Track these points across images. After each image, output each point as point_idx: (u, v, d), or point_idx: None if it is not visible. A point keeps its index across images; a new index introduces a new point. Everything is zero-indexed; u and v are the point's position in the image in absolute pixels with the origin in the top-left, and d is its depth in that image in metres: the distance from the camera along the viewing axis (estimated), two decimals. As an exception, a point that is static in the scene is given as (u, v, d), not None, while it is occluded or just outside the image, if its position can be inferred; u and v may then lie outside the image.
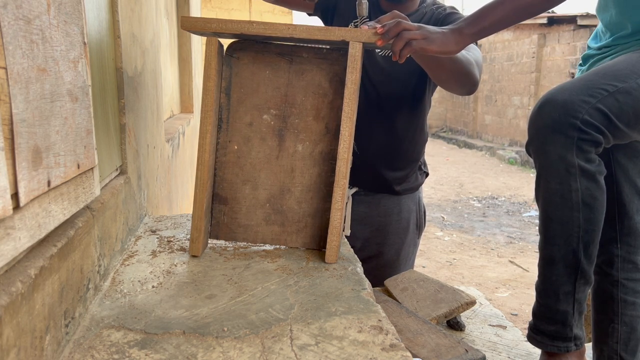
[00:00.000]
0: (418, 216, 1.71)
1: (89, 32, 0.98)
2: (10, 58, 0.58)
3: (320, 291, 0.94)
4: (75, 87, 0.80)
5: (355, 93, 1.07)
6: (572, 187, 1.04)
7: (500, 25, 1.13)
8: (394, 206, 1.65)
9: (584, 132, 1.01)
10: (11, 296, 0.56)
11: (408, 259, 1.71)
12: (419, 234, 1.74)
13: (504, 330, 1.39)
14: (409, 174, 1.65)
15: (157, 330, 0.79)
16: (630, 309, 1.27)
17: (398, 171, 1.62)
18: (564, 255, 1.07)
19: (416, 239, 1.73)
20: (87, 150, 0.85)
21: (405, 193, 1.66)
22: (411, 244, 1.71)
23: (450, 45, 1.11)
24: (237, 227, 1.18)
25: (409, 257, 1.72)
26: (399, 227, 1.66)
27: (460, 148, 11.66)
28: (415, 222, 1.70)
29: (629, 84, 1.05)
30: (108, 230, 1.02)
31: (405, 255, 1.70)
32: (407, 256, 1.71)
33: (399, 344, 0.76)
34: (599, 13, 1.32)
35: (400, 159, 1.62)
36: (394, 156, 1.60)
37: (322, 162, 1.16)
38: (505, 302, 3.41)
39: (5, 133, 0.58)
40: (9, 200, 0.57)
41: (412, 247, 1.72)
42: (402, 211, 1.66)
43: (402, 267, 1.67)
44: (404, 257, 1.69)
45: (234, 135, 1.17)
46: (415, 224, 1.70)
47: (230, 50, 1.16)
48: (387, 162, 1.60)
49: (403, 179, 1.64)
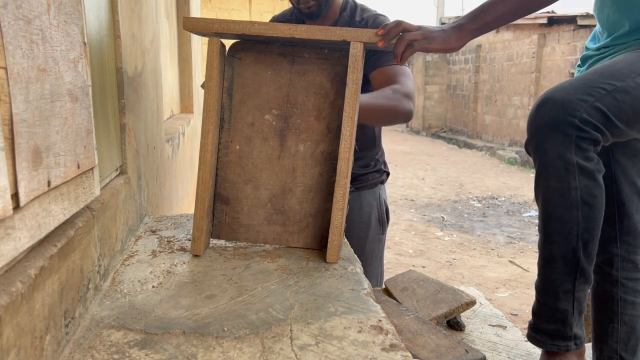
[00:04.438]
0: (380, 211, 1.73)
1: (89, 32, 0.98)
2: (10, 58, 0.58)
3: (320, 291, 0.94)
4: (75, 87, 0.80)
5: (356, 93, 1.07)
6: (571, 185, 1.04)
7: (500, 21, 1.13)
8: (354, 201, 1.67)
9: (583, 131, 1.01)
10: (11, 296, 0.56)
11: (374, 255, 1.73)
12: (382, 230, 1.76)
13: (504, 330, 1.39)
14: (365, 173, 1.68)
15: (157, 330, 0.79)
16: (630, 309, 1.27)
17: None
18: (564, 254, 1.07)
19: (380, 235, 1.75)
20: (87, 150, 0.85)
21: (363, 189, 1.69)
22: (375, 240, 1.73)
23: (452, 42, 1.11)
24: (239, 227, 1.18)
25: (374, 254, 1.73)
26: (360, 221, 1.69)
27: (460, 148, 11.66)
28: (377, 217, 1.72)
29: (627, 82, 1.05)
30: (108, 230, 1.02)
31: (370, 251, 1.71)
32: (373, 252, 1.72)
33: (399, 344, 0.76)
34: (596, 12, 1.32)
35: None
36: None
37: (324, 162, 1.16)
38: (505, 302, 3.41)
39: (6, 133, 0.58)
40: (9, 200, 0.57)
41: (376, 242, 1.73)
42: (363, 206, 1.69)
43: (368, 263, 1.68)
44: (369, 252, 1.71)
45: (235, 135, 1.17)
46: (377, 218, 1.72)
47: (232, 50, 1.16)
48: None
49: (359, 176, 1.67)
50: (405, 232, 4.97)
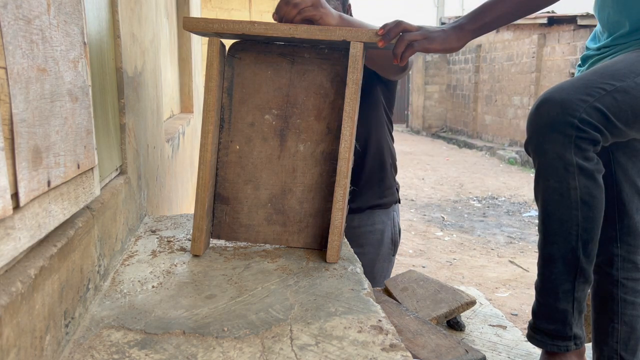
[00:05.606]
0: (393, 231, 1.70)
1: (89, 32, 0.98)
2: (10, 58, 0.58)
3: (320, 291, 0.94)
4: (75, 87, 0.81)
5: (356, 93, 1.07)
6: (570, 185, 1.04)
7: (501, 20, 1.14)
8: (367, 218, 1.65)
9: (582, 131, 1.01)
10: (11, 296, 0.56)
11: (383, 276, 1.70)
12: (394, 250, 1.72)
13: (504, 330, 1.39)
14: (373, 197, 1.65)
15: (157, 330, 0.79)
16: (630, 309, 1.27)
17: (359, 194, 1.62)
18: (563, 254, 1.07)
19: (391, 256, 1.72)
20: (87, 150, 0.85)
21: (377, 208, 1.66)
22: (386, 259, 1.70)
23: (452, 42, 1.11)
24: (239, 227, 1.18)
25: (384, 274, 1.70)
26: (373, 237, 1.66)
27: (460, 148, 11.67)
28: (390, 237, 1.69)
29: (627, 82, 1.05)
30: (108, 230, 1.02)
31: (380, 269, 1.68)
32: (382, 271, 1.69)
33: (399, 344, 0.76)
34: (597, 12, 1.32)
35: (361, 177, 1.61)
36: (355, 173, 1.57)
37: (324, 162, 1.16)
38: (505, 302, 3.41)
39: (5, 133, 0.58)
40: (9, 200, 0.57)
41: (386, 262, 1.70)
42: (376, 223, 1.66)
43: (376, 281, 1.65)
44: (378, 270, 1.68)
45: (235, 135, 1.17)
46: (390, 237, 1.69)
47: (232, 50, 1.16)
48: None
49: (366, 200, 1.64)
50: (405, 232, 4.97)
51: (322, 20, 1.19)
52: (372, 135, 1.60)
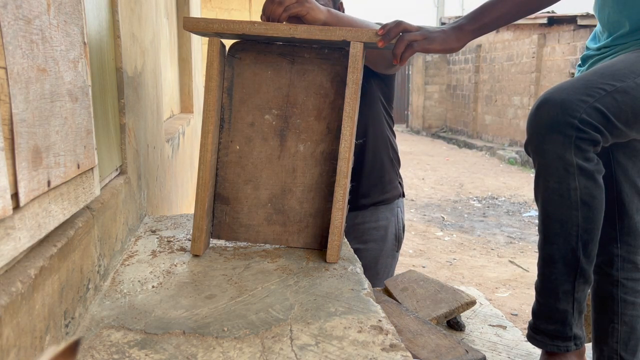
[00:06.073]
0: (397, 227, 1.70)
1: (89, 32, 0.98)
2: (10, 58, 0.58)
3: (320, 291, 0.94)
4: (75, 87, 0.80)
5: (356, 93, 1.07)
6: (570, 186, 1.04)
7: (501, 21, 1.14)
8: (370, 215, 1.65)
9: (582, 131, 1.01)
10: (11, 296, 0.56)
11: (386, 271, 1.70)
12: (398, 246, 1.72)
13: (504, 330, 1.39)
14: (377, 192, 1.65)
15: (157, 331, 0.79)
16: (630, 309, 1.27)
17: (364, 189, 1.62)
18: (563, 254, 1.07)
19: (395, 252, 1.71)
20: (87, 150, 0.85)
21: (380, 204, 1.66)
22: (390, 255, 1.69)
23: (452, 42, 1.11)
24: (239, 227, 1.18)
25: (387, 269, 1.70)
26: (376, 234, 1.66)
27: (460, 148, 11.66)
28: (394, 233, 1.69)
29: (627, 83, 1.05)
30: (108, 230, 1.02)
31: (383, 266, 1.68)
32: (386, 267, 1.69)
33: (399, 344, 0.76)
34: (597, 12, 1.32)
35: (363, 175, 1.61)
36: (356, 172, 1.57)
37: (324, 162, 1.16)
38: (505, 302, 3.41)
39: (5, 133, 0.58)
40: (9, 200, 0.57)
41: (390, 258, 1.70)
42: (379, 219, 1.66)
43: (379, 277, 1.65)
44: (382, 266, 1.67)
45: (235, 135, 1.17)
46: (394, 234, 1.69)
47: (232, 50, 1.16)
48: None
49: (369, 195, 1.64)
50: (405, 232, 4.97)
51: (309, 16, 1.19)
52: (369, 131, 1.60)
